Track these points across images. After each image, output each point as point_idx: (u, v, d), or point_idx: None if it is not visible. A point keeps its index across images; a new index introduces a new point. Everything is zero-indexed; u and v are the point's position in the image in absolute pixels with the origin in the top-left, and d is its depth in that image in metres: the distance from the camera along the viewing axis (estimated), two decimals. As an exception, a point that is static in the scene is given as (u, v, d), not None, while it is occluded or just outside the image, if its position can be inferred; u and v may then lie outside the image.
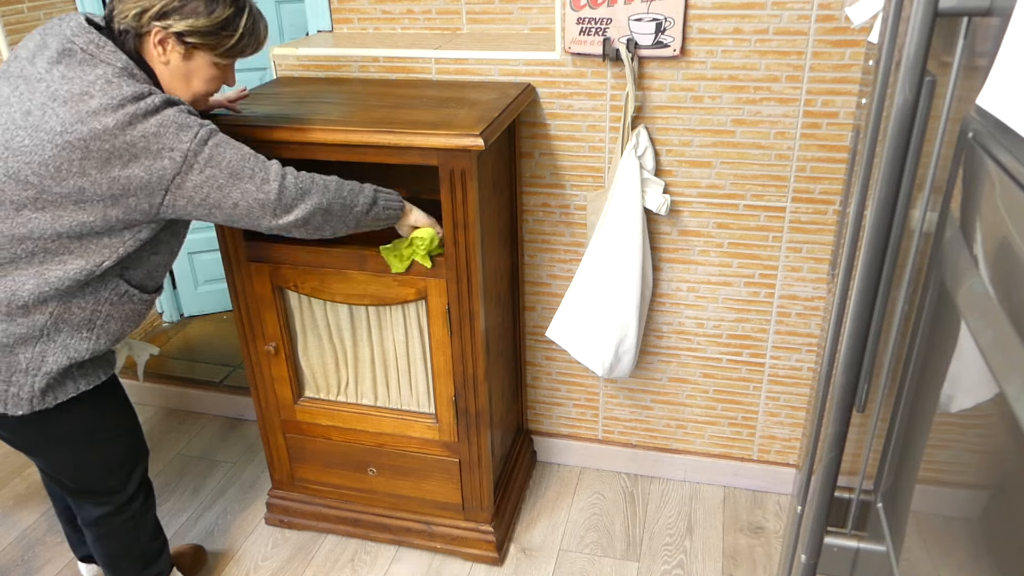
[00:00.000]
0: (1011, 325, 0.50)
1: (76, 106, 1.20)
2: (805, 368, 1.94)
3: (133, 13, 1.26)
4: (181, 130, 1.25)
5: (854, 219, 0.81)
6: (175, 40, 1.30)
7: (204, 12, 1.29)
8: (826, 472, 0.82)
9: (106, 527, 1.58)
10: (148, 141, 1.23)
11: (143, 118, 1.23)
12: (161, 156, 1.24)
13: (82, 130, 1.20)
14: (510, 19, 1.91)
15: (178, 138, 1.25)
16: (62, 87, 1.22)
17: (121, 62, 1.26)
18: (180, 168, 1.26)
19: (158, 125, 1.24)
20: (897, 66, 0.67)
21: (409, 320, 1.71)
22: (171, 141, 1.25)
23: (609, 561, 1.91)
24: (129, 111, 1.22)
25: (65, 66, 1.24)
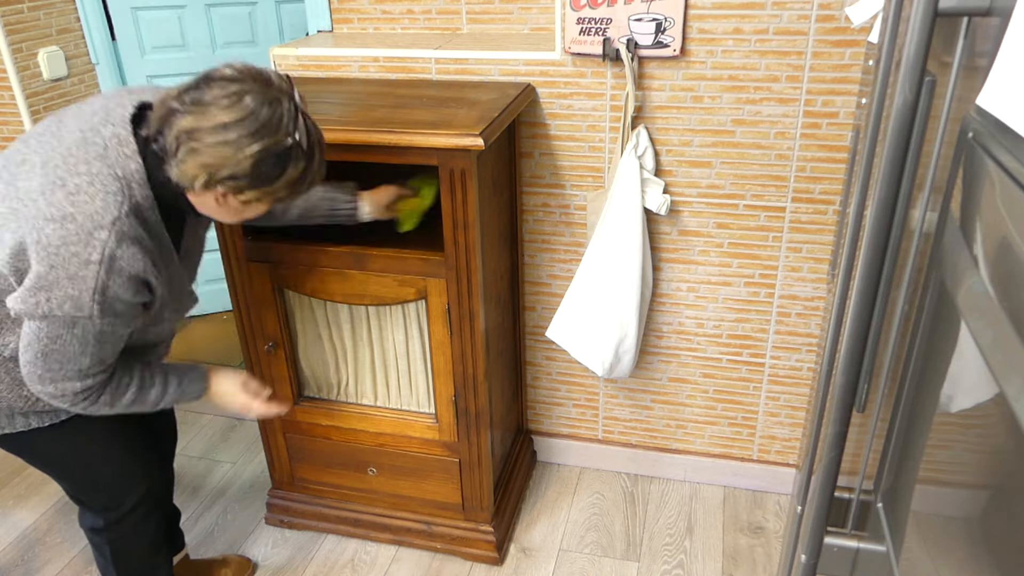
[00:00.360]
0: (1011, 325, 0.50)
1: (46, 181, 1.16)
2: (805, 368, 1.94)
3: (199, 180, 1.15)
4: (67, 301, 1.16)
5: (854, 219, 0.81)
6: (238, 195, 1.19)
7: (272, 177, 1.16)
8: (826, 472, 0.82)
9: (97, 538, 1.58)
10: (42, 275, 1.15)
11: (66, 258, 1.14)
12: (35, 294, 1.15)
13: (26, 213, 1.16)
14: (510, 19, 1.91)
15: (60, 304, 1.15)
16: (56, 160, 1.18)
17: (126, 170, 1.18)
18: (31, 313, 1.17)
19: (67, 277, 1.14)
20: (897, 66, 0.67)
21: (409, 320, 1.71)
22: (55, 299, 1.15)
23: (609, 561, 1.91)
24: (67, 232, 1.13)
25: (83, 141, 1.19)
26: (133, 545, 1.60)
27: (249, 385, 1.51)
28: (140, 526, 1.58)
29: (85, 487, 1.51)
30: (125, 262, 1.17)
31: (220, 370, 1.49)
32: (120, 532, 1.56)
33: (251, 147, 1.12)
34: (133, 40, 2.52)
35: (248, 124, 1.11)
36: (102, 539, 1.57)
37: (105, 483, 1.51)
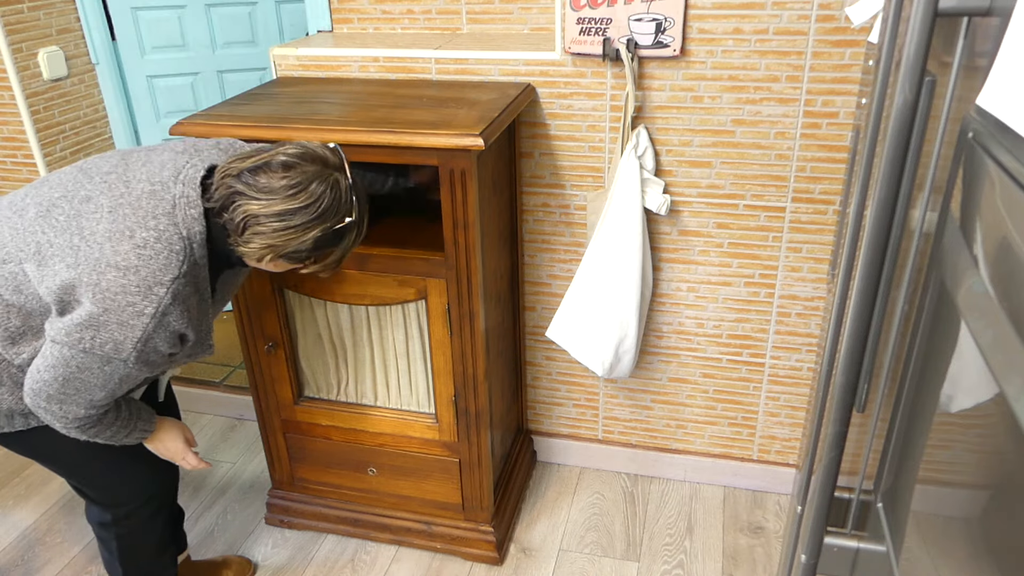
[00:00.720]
0: (1011, 325, 0.50)
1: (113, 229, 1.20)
2: (805, 368, 1.94)
3: (265, 256, 1.22)
4: (109, 343, 1.20)
5: (854, 219, 0.81)
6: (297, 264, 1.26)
7: (329, 247, 1.24)
8: (826, 472, 0.82)
9: (104, 533, 1.58)
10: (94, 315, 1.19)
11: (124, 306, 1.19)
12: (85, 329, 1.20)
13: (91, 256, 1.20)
14: (510, 19, 1.91)
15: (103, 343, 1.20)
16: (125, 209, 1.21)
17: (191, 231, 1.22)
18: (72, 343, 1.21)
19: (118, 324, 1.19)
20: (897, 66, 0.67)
21: (409, 320, 1.71)
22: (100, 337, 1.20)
23: (609, 561, 1.91)
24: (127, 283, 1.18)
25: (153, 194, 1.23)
26: (140, 542, 1.60)
27: (188, 437, 1.53)
28: (148, 523, 1.59)
29: (89, 483, 1.51)
30: (173, 318, 1.23)
31: (166, 419, 1.50)
32: (128, 528, 1.57)
33: (314, 231, 1.19)
34: (133, 40, 2.52)
35: (311, 210, 1.18)
36: (109, 534, 1.57)
37: (109, 480, 1.51)
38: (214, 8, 2.58)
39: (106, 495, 1.53)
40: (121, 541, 1.58)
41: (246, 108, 1.65)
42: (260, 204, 1.18)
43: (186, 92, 2.65)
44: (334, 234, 1.22)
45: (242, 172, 1.20)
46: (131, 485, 1.53)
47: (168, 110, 2.64)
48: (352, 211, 1.23)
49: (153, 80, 2.59)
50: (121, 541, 1.58)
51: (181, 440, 1.51)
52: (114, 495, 1.53)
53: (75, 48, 2.37)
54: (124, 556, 1.60)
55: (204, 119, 1.58)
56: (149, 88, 2.59)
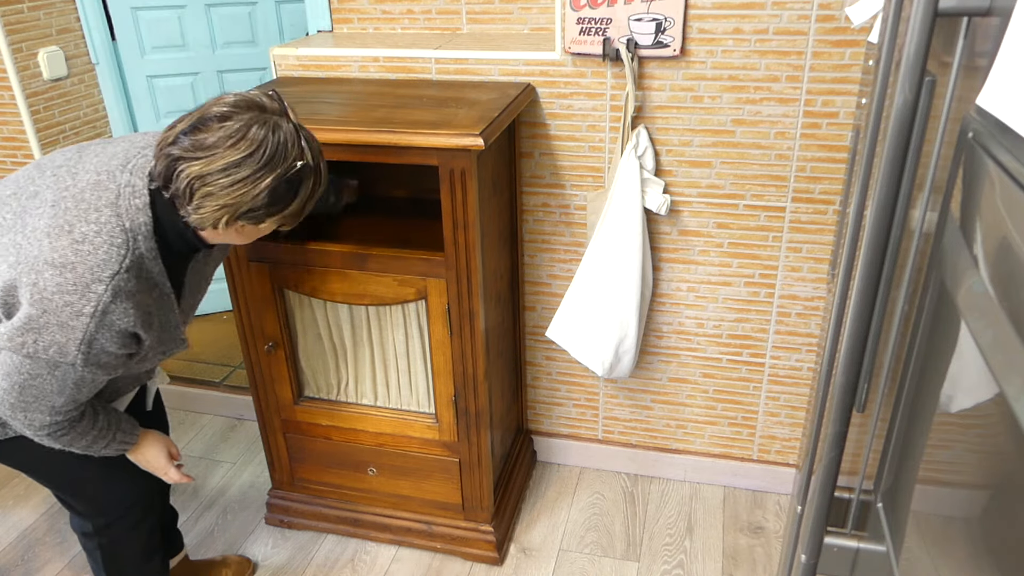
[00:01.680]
0: (1011, 325, 0.50)
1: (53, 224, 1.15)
2: (805, 368, 1.94)
3: (221, 220, 1.15)
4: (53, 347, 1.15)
5: (854, 219, 0.81)
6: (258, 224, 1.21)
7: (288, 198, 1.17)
8: (826, 472, 0.82)
9: (88, 543, 1.56)
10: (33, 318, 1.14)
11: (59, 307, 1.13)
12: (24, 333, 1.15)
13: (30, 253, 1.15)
14: (510, 19, 1.91)
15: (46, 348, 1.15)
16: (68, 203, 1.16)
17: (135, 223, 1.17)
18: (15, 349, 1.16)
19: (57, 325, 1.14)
20: (897, 66, 0.67)
21: (409, 320, 1.71)
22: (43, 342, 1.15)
23: (609, 561, 1.91)
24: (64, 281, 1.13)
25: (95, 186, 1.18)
26: (124, 551, 1.57)
27: (172, 452, 1.49)
28: (131, 532, 1.55)
29: (70, 493, 1.48)
30: (116, 316, 1.16)
31: (150, 432, 1.47)
32: (110, 537, 1.53)
33: (266, 180, 1.12)
34: (133, 40, 2.52)
35: (257, 158, 1.11)
36: (92, 544, 1.55)
37: (90, 490, 1.48)
38: (214, 8, 2.58)
39: (87, 505, 1.49)
40: (104, 551, 1.55)
41: (246, 108, 1.65)
42: (202, 163, 1.10)
43: (186, 92, 2.65)
44: (288, 183, 1.14)
45: (178, 137, 1.12)
46: (112, 495, 1.49)
47: (168, 110, 2.64)
48: (303, 154, 1.15)
49: (153, 80, 2.59)
50: (104, 551, 1.55)
51: (164, 455, 1.45)
52: (95, 505, 1.49)
53: (75, 48, 2.37)
54: (108, 565, 1.57)
55: (204, 119, 1.58)
56: (149, 88, 2.59)
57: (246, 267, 1.71)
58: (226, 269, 1.72)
